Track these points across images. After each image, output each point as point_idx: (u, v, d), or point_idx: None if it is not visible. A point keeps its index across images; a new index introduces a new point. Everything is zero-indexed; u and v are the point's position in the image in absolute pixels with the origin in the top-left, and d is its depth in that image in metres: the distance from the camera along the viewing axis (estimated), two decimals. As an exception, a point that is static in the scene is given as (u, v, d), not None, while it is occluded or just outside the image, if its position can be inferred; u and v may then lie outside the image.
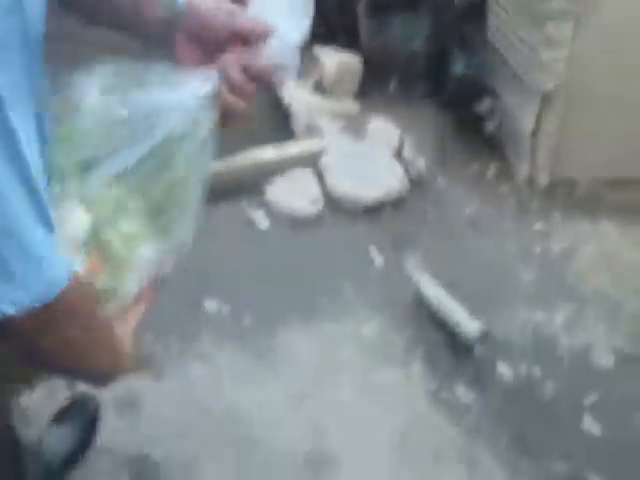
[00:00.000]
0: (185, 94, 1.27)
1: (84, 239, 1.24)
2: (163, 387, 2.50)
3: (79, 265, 1.18)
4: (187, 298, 2.79)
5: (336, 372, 2.71)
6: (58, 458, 2.26)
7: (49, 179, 1.10)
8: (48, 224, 1.01)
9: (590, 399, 2.71)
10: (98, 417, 2.34)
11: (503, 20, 3.62)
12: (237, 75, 1.26)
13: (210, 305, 2.79)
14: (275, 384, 2.64)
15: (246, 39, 1.27)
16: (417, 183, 3.45)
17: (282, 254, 3.07)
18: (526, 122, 3.46)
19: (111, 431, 2.34)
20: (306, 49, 1.29)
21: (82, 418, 2.34)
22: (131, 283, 1.31)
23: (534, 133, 3.45)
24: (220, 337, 2.65)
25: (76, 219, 1.24)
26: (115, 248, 1.28)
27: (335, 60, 3.87)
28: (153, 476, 2.33)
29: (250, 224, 3.22)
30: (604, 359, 2.86)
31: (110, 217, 1.27)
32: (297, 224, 3.23)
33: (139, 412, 2.25)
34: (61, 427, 2.32)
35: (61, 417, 2.33)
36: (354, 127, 3.62)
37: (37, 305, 0.98)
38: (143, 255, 1.30)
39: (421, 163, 3.52)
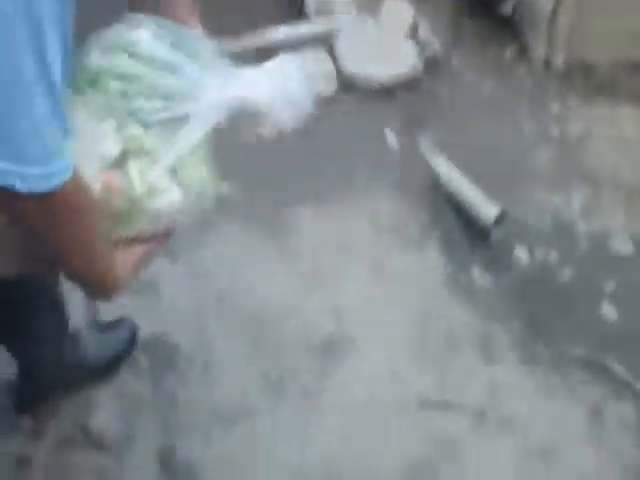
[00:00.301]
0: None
1: (110, 161, 1.35)
2: (178, 269, 2.44)
3: (95, 178, 1.30)
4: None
5: (351, 255, 2.65)
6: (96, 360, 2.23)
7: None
8: (62, 121, 1.12)
9: (607, 285, 2.66)
10: (136, 340, 2.28)
11: None
12: None
13: (223, 186, 2.69)
14: (290, 267, 2.58)
15: None
16: (432, 64, 3.31)
17: (295, 135, 2.95)
18: (545, 0, 3.31)
19: (127, 314, 2.28)
20: None
21: (122, 333, 2.29)
22: (142, 220, 1.40)
23: (553, 12, 3.30)
24: (234, 219, 2.56)
25: (109, 140, 1.35)
26: (135, 182, 1.37)
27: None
28: (170, 357, 2.28)
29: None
30: (622, 246, 2.79)
31: (138, 154, 1.37)
32: (310, 103, 3.10)
33: (155, 294, 2.19)
34: (101, 334, 2.28)
35: (101, 326, 2.28)
36: (368, 7, 3.46)
37: (41, 188, 1.08)
38: (160, 203, 1.40)
39: (436, 44, 3.38)
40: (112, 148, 1.37)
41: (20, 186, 1.07)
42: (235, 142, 1.57)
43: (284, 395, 2.25)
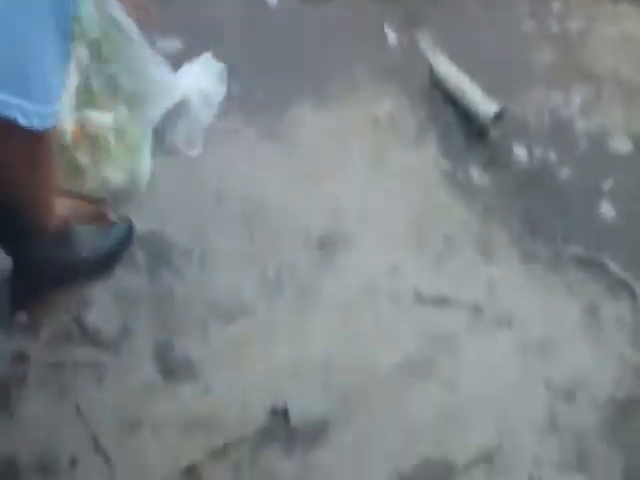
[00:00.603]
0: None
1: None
2: (175, 166, 2.36)
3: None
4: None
5: (349, 152, 2.58)
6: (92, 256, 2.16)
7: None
8: (65, 70, 1.25)
9: (606, 184, 2.62)
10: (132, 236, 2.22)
11: None
12: None
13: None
14: (288, 163, 2.52)
15: None
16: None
17: (292, 32, 2.86)
18: None
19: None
20: None
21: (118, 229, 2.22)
22: (94, 183, 1.58)
23: None
24: (230, 117, 2.48)
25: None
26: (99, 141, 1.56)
27: None
28: (166, 253, 2.24)
29: (258, 1, 2.98)
30: (621, 144, 2.73)
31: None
32: (307, 0, 3.00)
33: (152, 191, 2.12)
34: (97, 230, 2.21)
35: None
36: None
37: (38, 125, 1.19)
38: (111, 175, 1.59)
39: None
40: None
41: (21, 120, 1.16)
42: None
43: (281, 291, 2.21)
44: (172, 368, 2.06)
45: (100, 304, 2.12)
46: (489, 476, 1.97)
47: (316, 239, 2.36)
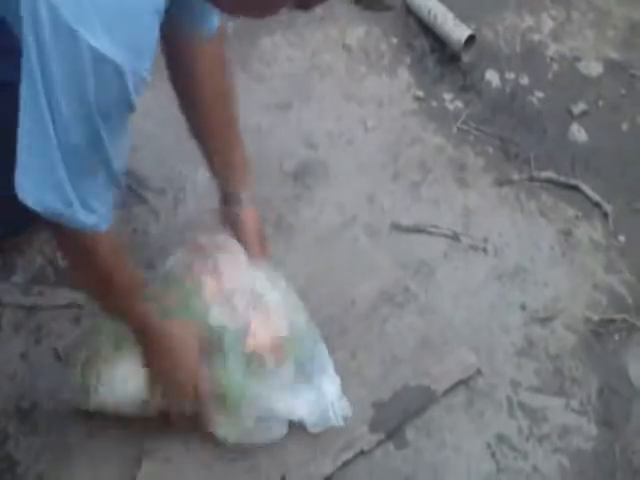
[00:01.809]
0: None
1: None
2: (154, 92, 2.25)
3: None
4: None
5: (322, 80, 2.50)
6: None
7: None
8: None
9: (577, 107, 2.54)
10: None
11: None
12: None
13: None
14: (261, 94, 2.43)
15: None
16: None
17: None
18: None
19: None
20: None
21: None
22: None
23: None
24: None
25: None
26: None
27: None
28: (141, 191, 2.14)
29: None
30: (592, 67, 2.65)
31: None
32: None
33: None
34: None
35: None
36: None
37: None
38: None
39: None
40: None
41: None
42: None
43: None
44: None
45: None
46: (468, 401, 1.93)
47: (291, 170, 2.28)
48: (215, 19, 1.60)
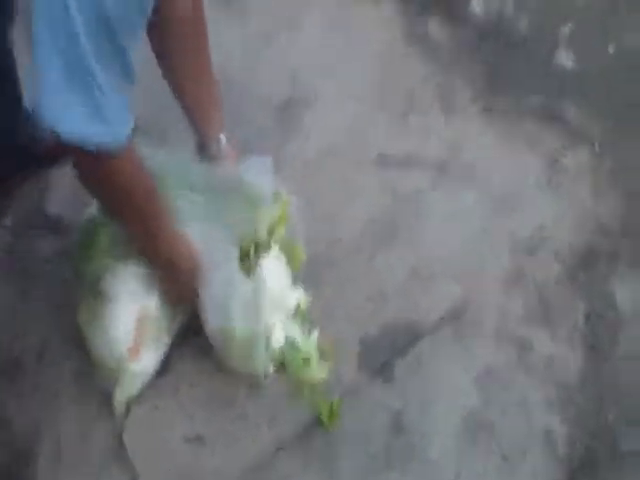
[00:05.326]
0: None
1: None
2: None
3: None
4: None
5: (306, 13, 2.36)
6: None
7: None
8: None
9: (563, 32, 2.38)
10: None
11: None
12: None
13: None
14: (242, 28, 2.29)
15: None
16: None
17: None
18: None
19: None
20: None
21: None
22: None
23: None
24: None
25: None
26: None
27: None
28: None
29: None
30: (578, -10, 2.48)
31: None
32: None
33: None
34: None
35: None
36: None
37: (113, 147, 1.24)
38: None
39: None
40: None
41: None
42: None
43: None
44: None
45: (60, 191, 1.93)
46: (456, 333, 1.84)
47: (279, 104, 2.16)
48: None
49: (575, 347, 1.84)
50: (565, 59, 2.34)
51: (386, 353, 1.77)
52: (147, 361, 1.61)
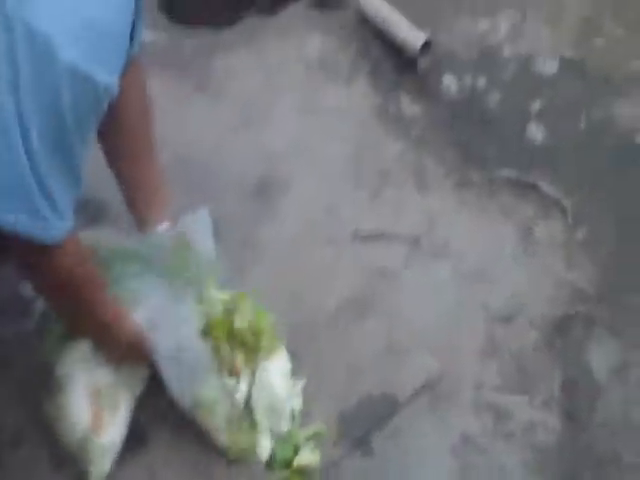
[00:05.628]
0: None
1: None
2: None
3: None
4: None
5: (280, 95, 2.40)
6: None
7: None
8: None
9: (534, 107, 2.45)
10: None
11: None
12: None
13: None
14: (219, 110, 2.34)
15: None
16: None
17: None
18: None
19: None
20: None
21: None
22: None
23: None
24: (160, 62, 2.26)
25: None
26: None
27: None
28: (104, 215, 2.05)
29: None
30: (548, 66, 2.55)
31: None
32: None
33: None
34: None
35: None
36: None
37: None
38: None
39: None
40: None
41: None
42: None
43: (220, 242, 2.00)
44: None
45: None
46: (432, 405, 1.86)
47: (253, 186, 2.20)
48: (138, 43, 1.48)
49: (553, 414, 1.86)
50: (535, 133, 2.39)
51: (364, 426, 1.79)
52: (113, 432, 1.62)
